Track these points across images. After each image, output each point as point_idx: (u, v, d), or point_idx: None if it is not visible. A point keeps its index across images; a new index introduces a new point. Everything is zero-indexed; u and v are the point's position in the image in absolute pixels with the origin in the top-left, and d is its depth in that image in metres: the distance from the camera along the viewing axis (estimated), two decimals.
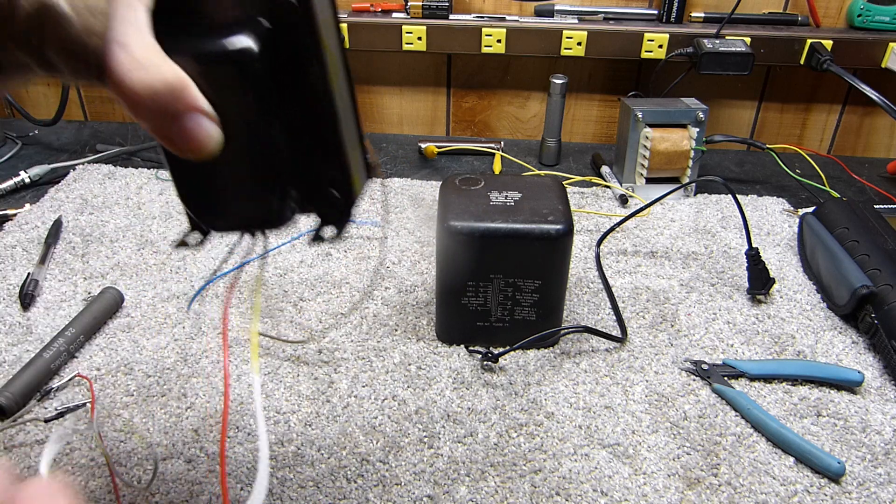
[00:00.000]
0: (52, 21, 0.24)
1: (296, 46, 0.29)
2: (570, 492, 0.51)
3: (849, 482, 0.53)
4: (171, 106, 0.26)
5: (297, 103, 0.30)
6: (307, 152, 0.31)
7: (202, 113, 0.26)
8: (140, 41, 0.25)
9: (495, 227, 0.59)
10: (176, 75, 0.26)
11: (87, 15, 0.24)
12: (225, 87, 0.27)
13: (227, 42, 0.27)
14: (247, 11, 0.28)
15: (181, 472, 0.52)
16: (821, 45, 1.00)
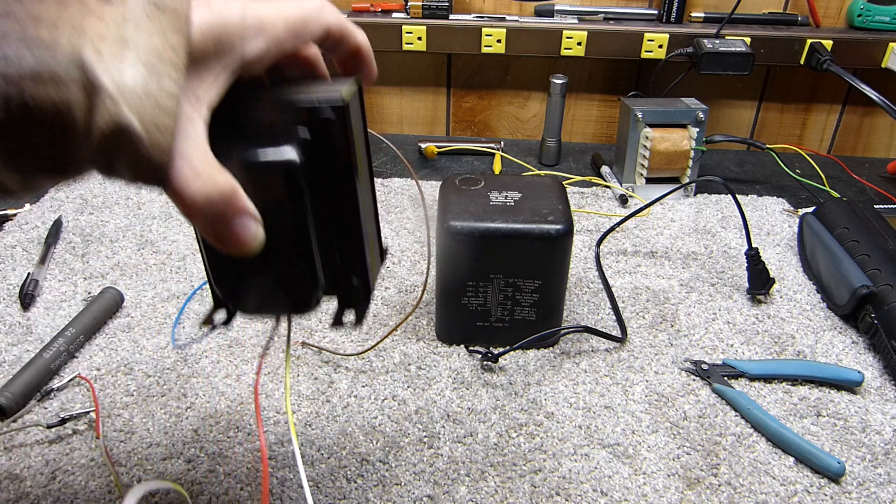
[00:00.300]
0: (126, 140, 0.26)
1: (331, 155, 0.32)
2: (570, 492, 0.51)
3: (849, 482, 0.53)
4: (222, 211, 0.29)
5: (327, 202, 0.33)
6: (334, 245, 0.35)
7: (249, 216, 0.30)
8: (198, 153, 0.28)
9: (495, 227, 0.59)
10: (228, 183, 0.29)
11: (155, 132, 0.26)
12: (268, 191, 0.30)
13: (273, 152, 0.30)
14: (289, 122, 0.31)
15: (181, 472, 0.52)
16: (821, 45, 1.00)
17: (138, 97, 0.26)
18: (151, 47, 0.27)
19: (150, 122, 0.26)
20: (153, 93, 0.26)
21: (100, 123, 0.25)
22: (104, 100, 0.25)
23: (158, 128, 0.26)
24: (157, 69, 0.26)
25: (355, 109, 0.33)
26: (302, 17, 0.32)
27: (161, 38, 0.27)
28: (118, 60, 0.26)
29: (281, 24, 0.31)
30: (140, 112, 0.26)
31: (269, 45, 0.31)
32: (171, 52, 0.27)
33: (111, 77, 0.25)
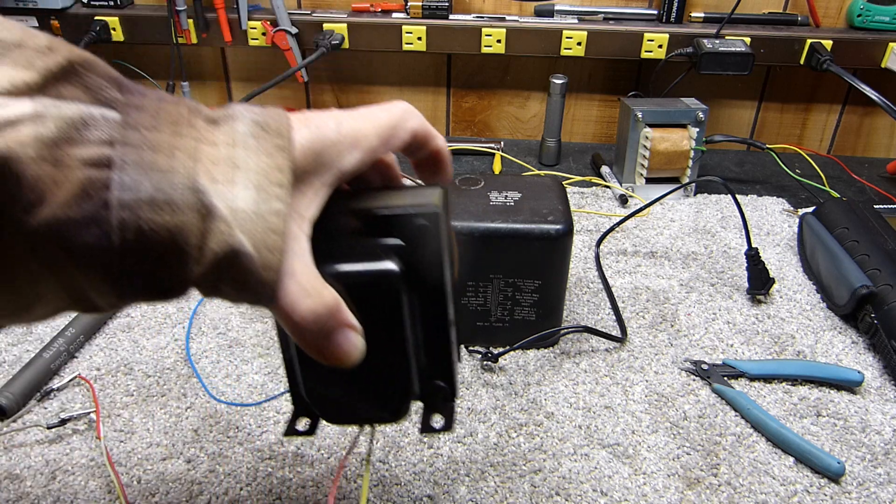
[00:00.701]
0: (237, 262, 0.26)
1: (425, 263, 0.32)
2: (570, 492, 0.51)
3: (849, 482, 0.53)
4: (327, 325, 0.29)
5: (420, 311, 0.33)
6: (423, 351, 0.34)
7: (352, 329, 0.30)
8: (305, 271, 0.29)
9: (495, 227, 0.59)
10: (333, 298, 0.29)
11: (266, 253, 0.27)
12: (366, 302, 0.31)
13: (372, 263, 0.31)
14: (382, 232, 0.32)
15: (181, 472, 0.52)
16: (821, 45, 1.00)
17: (250, 219, 0.26)
18: (260, 169, 0.27)
19: (261, 243, 0.27)
20: (263, 214, 0.27)
21: (213, 246, 0.26)
22: (218, 223, 0.26)
23: (269, 248, 0.27)
24: (265, 190, 0.27)
25: (444, 216, 0.33)
26: (391, 125, 0.33)
27: (268, 158, 0.28)
28: (230, 184, 0.26)
29: (373, 135, 0.32)
30: (252, 234, 0.26)
31: (363, 157, 0.31)
32: (277, 173, 0.27)
33: (224, 201, 0.26)
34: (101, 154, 0.24)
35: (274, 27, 1.02)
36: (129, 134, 0.25)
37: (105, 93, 0.26)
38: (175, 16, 1.01)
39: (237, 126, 0.28)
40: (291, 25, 1.02)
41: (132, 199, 0.24)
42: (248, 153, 0.27)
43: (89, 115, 0.25)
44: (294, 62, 1.04)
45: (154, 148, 0.25)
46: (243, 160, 0.27)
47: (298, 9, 1.07)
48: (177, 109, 0.27)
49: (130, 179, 0.24)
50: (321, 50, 0.99)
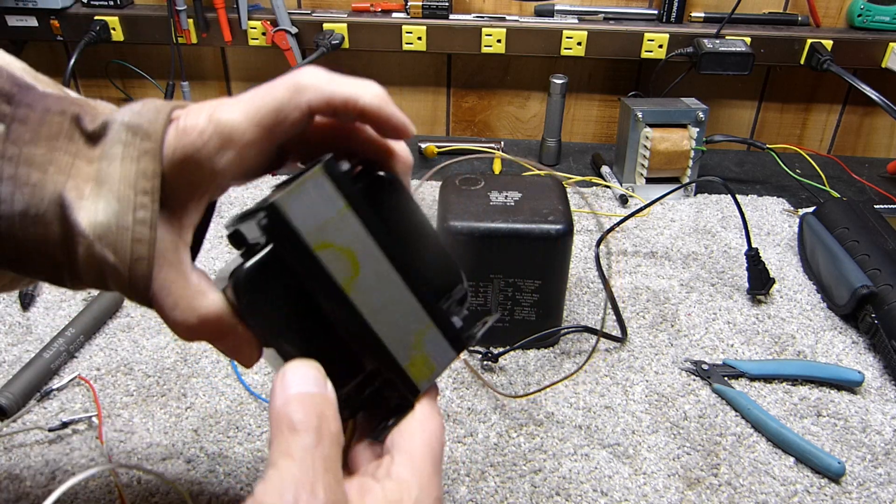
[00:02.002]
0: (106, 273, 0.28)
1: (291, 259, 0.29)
2: (570, 492, 0.51)
3: (849, 482, 0.53)
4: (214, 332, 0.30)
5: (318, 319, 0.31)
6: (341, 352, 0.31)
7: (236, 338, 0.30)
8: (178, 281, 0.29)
9: (495, 227, 0.59)
10: (208, 310, 0.30)
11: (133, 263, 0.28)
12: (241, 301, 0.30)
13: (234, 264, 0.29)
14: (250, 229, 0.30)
15: (181, 472, 0.52)
16: (821, 45, 1.00)
17: (113, 232, 0.27)
18: (123, 177, 0.28)
19: (126, 253, 0.28)
20: (127, 225, 0.27)
21: (80, 259, 0.28)
22: (80, 239, 0.27)
23: (135, 258, 0.28)
24: (130, 200, 0.27)
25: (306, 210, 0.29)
26: (273, 108, 0.29)
27: (133, 164, 0.28)
28: (95, 198, 0.27)
29: (247, 126, 0.29)
30: (114, 245, 0.27)
31: (240, 154, 0.29)
32: (143, 180, 0.28)
33: (87, 216, 0.27)
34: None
35: (274, 27, 1.02)
36: (9, 148, 0.27)
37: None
38: (175, 15, 1.01)
39: (109, 135, 0.28)
40: (291, 25, 1.02)
41: (6, 212, 0.27)
42: (113, 163, 0.28)
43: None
44: (294, 62, 1.04)
45: (29, 163, 0.27)
46: (107, 172, 0.28)
47: (298, 9, 1.07)
48: (60, 122, 0.28)
49: (5, 193, 0.27)
50: (321, 50, 0.99)
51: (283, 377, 0.28)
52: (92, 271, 0.28)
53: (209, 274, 0.31)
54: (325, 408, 0.28)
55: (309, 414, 0.27)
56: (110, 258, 0.27)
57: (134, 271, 0.28)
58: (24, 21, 1.03)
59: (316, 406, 0.27)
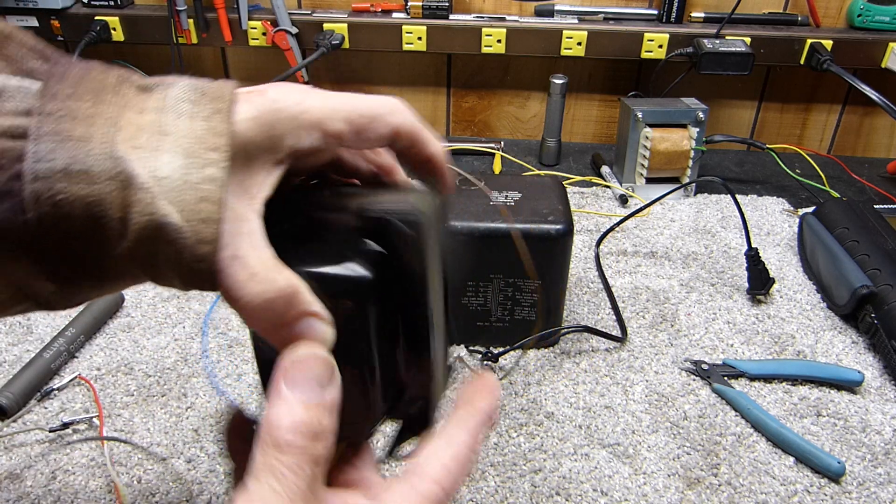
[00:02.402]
0: (165, 235, 0.24)
1: (403, 273, 0.29)
2: (570, 492, 0.51)
3: (849, 482, 0.53)
4: (283, 313, 0.26)
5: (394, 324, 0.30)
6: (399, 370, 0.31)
7: (315, 317, 0.27)
8: (254, 252, 0.26)
9: (495, 227, 0.59)
10: (289, 283, 0.26)
11: (198, 224, 0.24)
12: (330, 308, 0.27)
13: (341, 267, 0.27)
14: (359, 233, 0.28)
15: (181, 472, 0.52)
16: (821, 45, 1.00)
17: (177, 188, 0.24)
18: (192, 132, 0.25)
19: (192, 213, 0.24)
20: (193, 181, 0.24)
21: (135, 219, 0.23)
22: (139, 193, 0.23)
23: (202, 219, 0.24)
24: (197, 155, 0.24)
25: (432, 223, 0.29)
26: (369, 115, 0.29)
27: (203, 122, 0.25)
28: (155, 151, 0.24)
29: (341, 119, 0.28)
30: (180, 203, 0.24)
31: (324, 140, 0.28)
32: (212, 137, 0.25)
33: (147, 168, 0.24)
34: (15, 124, 0.23)
35: (274, 27, 1.02)
36: (48, 104, 0.24)
37: (27, 63, 0.25)
38: (175, 16, 1.01)
39: (171, 91, 0.26)
40: (292, 25, 1.02)
41: (46, 170, 0.23)
42: (180, 118, 0.25)
43: (6, 85, 0.24)
44: (294, 62, 1.04)
45: (72, 116, 0.24)
46: (172, 125, 0.25)
47: (298, 9, 1.07)
48: (103, 77, 0.25)
49: (45, 149, 0.23)
50: (321, 50, 0.99)
51: (285, 374, 0.26)
52: (146, 239, 0.24)
53: None
54: (319, 421, 0.25)
55: (299, 435, 0.25)
56: (173, 217, 0.24)
57: (199, 234, 0.24)
58: (24, 21, 1.03)
59: (310, 424, 0.25)
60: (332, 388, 0.26)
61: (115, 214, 0.23)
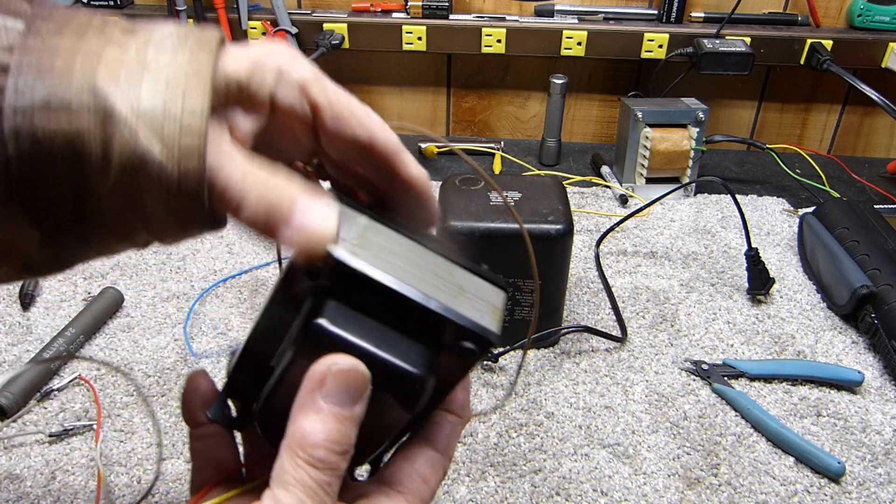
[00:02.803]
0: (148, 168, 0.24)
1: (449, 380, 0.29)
2: (570, 492, 0.51)
3: (849, 482, 0.53)
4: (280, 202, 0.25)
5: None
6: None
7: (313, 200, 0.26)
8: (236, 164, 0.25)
9: (495, 227, 0.59)
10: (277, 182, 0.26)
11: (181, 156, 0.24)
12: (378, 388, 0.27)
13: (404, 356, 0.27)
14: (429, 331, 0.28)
15: (181, 472, 0.52)
16: (821, 45, 1.00)
17: (158, 119, 0.23)
18: (176, 64, 0.24)
19: (174, 145, 0.24)
20: (175, 113, 0.24)
21: (117, 152, 0.23)
22: (119, 126, 0.23)
23: (184, 151, 0.24)
24: (180, 86, 0.24)
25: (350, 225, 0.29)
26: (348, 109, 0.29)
27: (188, 55, 0.25)
28: (136, 83, 0.24)
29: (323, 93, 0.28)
30: (162, 135, 0.23)
31: (303, 105, 0.28)
32: (196, 67, 0.25)
33: (128, 101, 0.23)
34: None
35: (274, 27, 1.02)
36: (30, 41, 0.23)
37: (12, 4, 0.25)
38: (175, 15, 1.01)
39: (156, 31, 0.25)
40: (291, 25, 1.02)
41: (26, 104, 0.23)
42: (163, 53, 0.24)
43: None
44: None
45: (53, 52, 0.23)
46: (154, 59, 0.24)
47: (298, 9, 1.07)
48: (88, 19, 0.25)
49: (25, 84, 0.23)
50: (321, 50, 0.99)
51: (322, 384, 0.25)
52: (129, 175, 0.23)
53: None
54: (349, 435, 0.26)
55: (331, 452, 0.25)
56: (154, 150, 0.23)
57: (182, 166, 0.24)
58: None
59: (341, 441, 0.25)
60: (362, 402, 0.26)
61: (96, 149, 0.23)
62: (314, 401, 0.25)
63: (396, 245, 0.29)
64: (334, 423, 0.25)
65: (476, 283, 0.31)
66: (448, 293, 0.29)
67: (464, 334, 0.28)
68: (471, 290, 0.30)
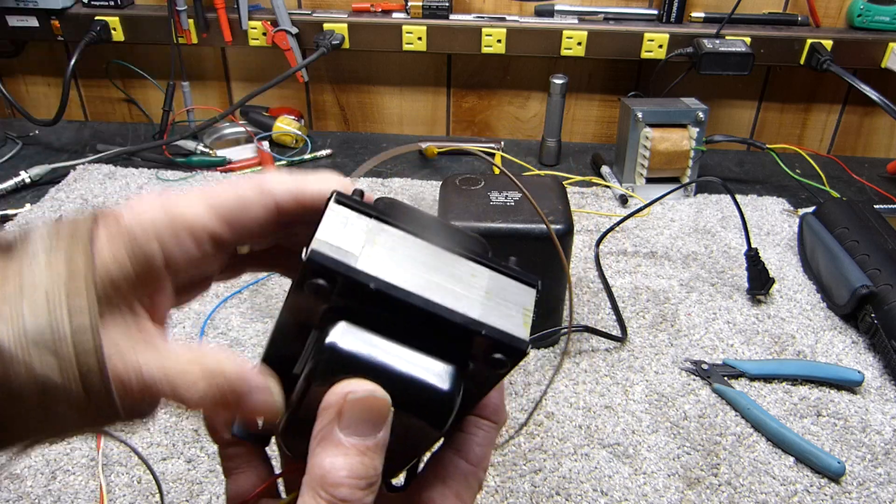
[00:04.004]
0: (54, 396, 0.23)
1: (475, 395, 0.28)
2: (570, 491, 0.51)
3: (849, 482, 0.53)
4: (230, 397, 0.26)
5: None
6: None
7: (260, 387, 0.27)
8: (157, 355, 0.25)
9: (495, 227, 0.59)
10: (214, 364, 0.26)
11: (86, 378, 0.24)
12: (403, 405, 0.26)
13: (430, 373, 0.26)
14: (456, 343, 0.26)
15: (181, 472, 0.52)
16: (821, 45, 1.00)
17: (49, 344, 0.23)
18: (52, 280, 0.24)
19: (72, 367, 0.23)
20: (64, 334, 0.23)
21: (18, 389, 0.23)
22: (13, 364, 0.23)
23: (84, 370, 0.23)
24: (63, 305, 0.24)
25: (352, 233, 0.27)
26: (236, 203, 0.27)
27: (62, 264, 0.24)
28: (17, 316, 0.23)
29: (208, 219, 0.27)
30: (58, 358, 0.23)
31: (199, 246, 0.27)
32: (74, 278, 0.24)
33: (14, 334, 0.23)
34: None
35: (274, 27, 1.02)
36: None
37: None
38: (175, 16, 1.01)
39: (29, 247, 0.25)
40: (292, 25, 1.02)
41: None
42: (37, 272, 0.24)
43: None
44: (294, 62, 1.04)
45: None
46: (30, 282, 0.24)
47: (299, 9, 1.07)
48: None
49: None
50: (321, 50, 0.99)
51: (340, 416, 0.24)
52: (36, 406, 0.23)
53: None
54: (375, 467, 0.24)
55: (356, 489, 0.24)
56: (54, 375, 0.23)
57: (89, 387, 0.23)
58: (24, 21, 1.03)
59: (366, 475, 0.24)
60: (386, 427, 0.25)
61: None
62: (333, 434, 0.24)
63: (408, 248, 0.27)
64: (357, 457, 0.24)
65: (501, 283, 0.29)
66: (472, 299, 0.27)
67: (493, 346, 0.26)
68: (496, 292, 0.28)
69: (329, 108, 1.15)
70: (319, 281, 0.25)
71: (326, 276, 0.25)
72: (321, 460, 0.24)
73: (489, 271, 0.29)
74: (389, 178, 0.97)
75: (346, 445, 0.24)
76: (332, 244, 0.25)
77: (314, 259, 0.25)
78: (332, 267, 0.25)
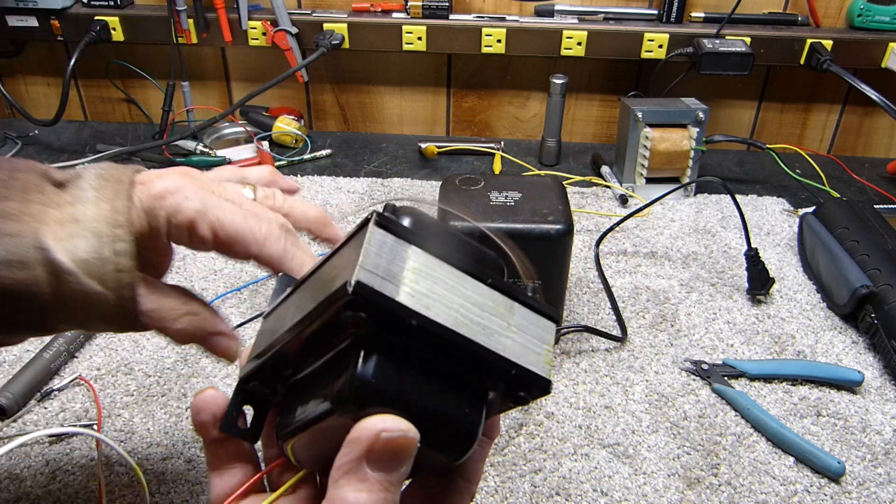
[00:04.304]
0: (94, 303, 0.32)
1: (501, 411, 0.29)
2: (570, 492, 0.51)
3: (849, 482, 0.53)
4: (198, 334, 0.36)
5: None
6: None
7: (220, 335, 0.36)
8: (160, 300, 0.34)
9: (495, 226, 0.59)
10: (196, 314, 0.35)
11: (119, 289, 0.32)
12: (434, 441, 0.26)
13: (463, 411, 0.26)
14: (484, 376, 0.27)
15: (181, 472, 0.52)
16: (821, 45, 1.00)
17: (95, 265, 0.31)
18: (99, 216, 0.32)
19: (112, 282, 0.31)
20: (107, 256, 0.31)
21: (66, 294, 0.31)
22: (64, 274, 0.30)
23: (120, 285, 0.32)
24: (105, 235, 0.31)
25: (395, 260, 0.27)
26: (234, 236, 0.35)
27: (107, 204, 0.32)
28: (72, 237, 0.31)
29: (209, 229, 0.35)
30: (100, 277, 0.31)
31: (192, 242, 0.35)
32: (116, 216, 0.32)
33: (68, 254, 0.31)
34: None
35: (274, 27, 1.02)
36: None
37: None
38: (175, 16, 1.01)
39: (81, 184, 0.33)
40: (291, 25, 1.02)
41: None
42: (87, 206, 0.32)
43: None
44: (294, 62, 1.04)
45: (5, 216, 0.30)
46: (82, 213, 0.32)
47: (298, 9, 1.07)
48: (28, 178, 0.32)
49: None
50: (321, 50, 0.99)
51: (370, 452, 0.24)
52: (79, 307, 0.31)
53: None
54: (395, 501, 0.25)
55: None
56: (97, 288, 0.31)
57: (121, 297, 0.32)
58: (24, 21, 1.03)
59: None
60: (409, 462, 0.25)
61: (47, 291, 0.31)
62: (360, 469, 0.24)
63: (444, 279, 0.26)
64: (381, 493, 0.24)
65: (529, 318, 0.28)
66: (503, 335, 0.27)
67: (520, 384, 0.26)
68: (523, 328, 0.28)
69: (329, 108, 1.15)
70: (361, 314, 0.24)
71: (368, 309, 0.24)
72: (345, 494, 0.24)
73: (517, 305, 0.29)
74: (389, 178, 0.97)
75: (371, 481, 0.24)
76: (376, 273, 0.24)
77: (360, 293, 0.24)
78: (377, 302, 0.24)
